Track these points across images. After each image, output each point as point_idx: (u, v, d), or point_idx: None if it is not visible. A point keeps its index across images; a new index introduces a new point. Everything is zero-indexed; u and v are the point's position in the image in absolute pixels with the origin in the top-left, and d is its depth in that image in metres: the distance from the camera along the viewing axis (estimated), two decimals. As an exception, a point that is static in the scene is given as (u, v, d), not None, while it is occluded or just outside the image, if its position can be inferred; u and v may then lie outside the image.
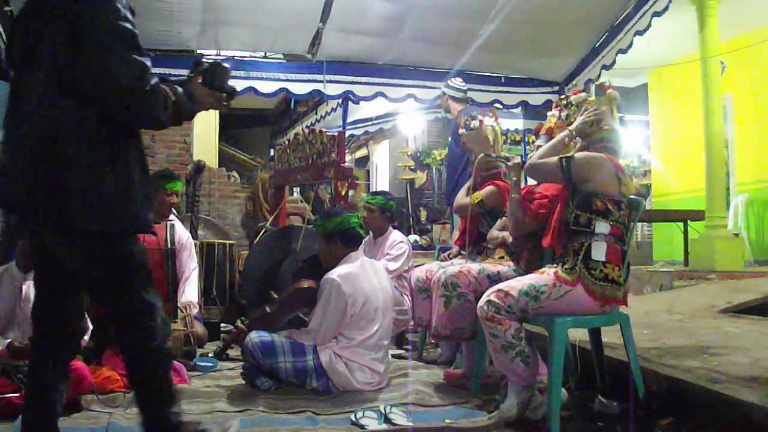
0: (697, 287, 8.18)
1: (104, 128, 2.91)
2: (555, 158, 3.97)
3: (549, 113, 4.74)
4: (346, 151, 18.25)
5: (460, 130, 5.60)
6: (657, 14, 7.58)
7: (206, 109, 3.35)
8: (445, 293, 4.73)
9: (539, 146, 4.64)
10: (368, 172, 20.41)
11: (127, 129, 3.03)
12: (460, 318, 4.73)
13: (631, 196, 3.95)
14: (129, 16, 2.93)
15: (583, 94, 4.14)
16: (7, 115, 3.01)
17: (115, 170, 2.92)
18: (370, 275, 4.93)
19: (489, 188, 5.31)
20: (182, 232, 5.96)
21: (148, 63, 2.93)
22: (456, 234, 5.94)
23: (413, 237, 12.69)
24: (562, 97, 4.51)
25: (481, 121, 5.39)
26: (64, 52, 2.83)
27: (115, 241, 3.01)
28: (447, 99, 7.69)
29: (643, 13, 7.75)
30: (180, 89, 3.10)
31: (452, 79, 7.79)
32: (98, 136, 2.90)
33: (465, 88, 7.70)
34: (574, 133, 4.11)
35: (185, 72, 3.45)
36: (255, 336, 4.65)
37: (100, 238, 2.95)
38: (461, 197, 5.47)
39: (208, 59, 3.35)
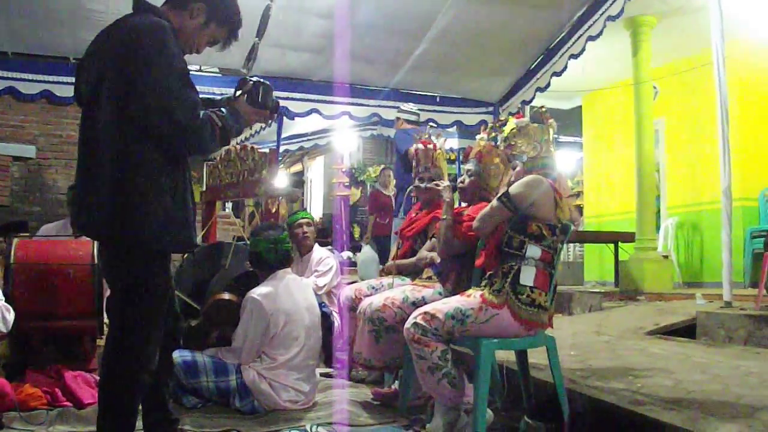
0: (625, 308, 8.29)
1: (162, 158, 3.17)
2: (494, 202, 3.97)
3: (478, 137, 4.75)
4: (281, 165, 18.18)
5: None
6: (592, 38, 7.65)
7: (252, 125, 3.76)
8: (374, 328, 4.69)
9: (469, 170, 4.65)
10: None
11: (181, 158, 3.31)
12: (392, 350, 4.69)
13: (564, 222, 3.96)
14: (180, 54, 3.20)
15: (525, 119, 4.14)
16: (80, 149, 3.27)
17: (174, 197, 3.22)
18: (295, 294, 4.90)
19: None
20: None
21: (198, 98, 3.20)
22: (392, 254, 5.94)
23: (347, 254, 12.63)
24: (500, 119, 4.52)
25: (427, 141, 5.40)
26: (122, 91, 3.07)
27: (162, 259, 3.34)
28: (402, 123, 7.91)
29: (578, 37, 7.81)
30: (225, 112, 3.35)
31: (404, 104, 7.97)
32: (158, 165, 3.16)
33: (417, 111, 8.05)
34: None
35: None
36: (177, 355, 4.53)
37: (154, 256, 3.28)
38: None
39: (251, 78, 3.56)
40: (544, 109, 4.20)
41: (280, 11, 7.16)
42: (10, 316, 4.52)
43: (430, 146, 5.34)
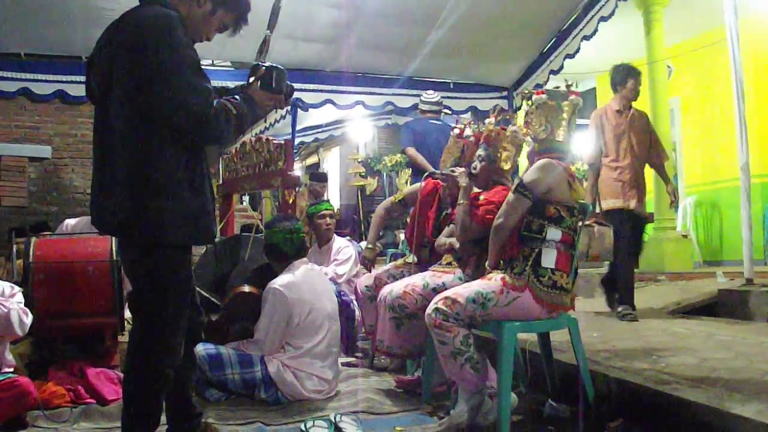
0: (647, 289, 8.25)
1: (178, 150, 3.11)
2: (510, 195, 3.93)
3: (486, 120, 4.70)
4: (297, 158, 18.13)
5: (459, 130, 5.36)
6: (604, 19, 7.62)
7: (268, 111, 3.51)
8: (395, 315, 4.68)
9: (480, 155, 4.59)
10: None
11: (197, 148, 3.24)
12: (414, 337, 4.68)
13: (581, 201, 3.94)
14: (190, 43, 3.14)
15: (544, 96, 4.07)
16: (95, 145, 3.23)
17: (192, 189, 3.17)
18: (315, 282, 4.91)
19: (413, 186, 5.49)
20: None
21: (211, 86, 3.13)
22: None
23: (365, 243, 12.60)
24: (525, 92, 4.45)
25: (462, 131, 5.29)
26: (133, 84, 3.01)
27: (182, 253, 3.27)
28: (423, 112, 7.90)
29: (590, 18, 7.78)
30: (239, 99, 3.28)
31: (425, 92, 7.95)
32: (174, 158, 3.10)
33: (438, 99, 7.94)
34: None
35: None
36: (201, 348, 4.54)
37: (174, 249, 3.21)
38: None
39: (263, 63, 3.48)
40: (570, 85, 4.15)
41: (290, 2, 7.16)
42: (28, 319, 4.51)
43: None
